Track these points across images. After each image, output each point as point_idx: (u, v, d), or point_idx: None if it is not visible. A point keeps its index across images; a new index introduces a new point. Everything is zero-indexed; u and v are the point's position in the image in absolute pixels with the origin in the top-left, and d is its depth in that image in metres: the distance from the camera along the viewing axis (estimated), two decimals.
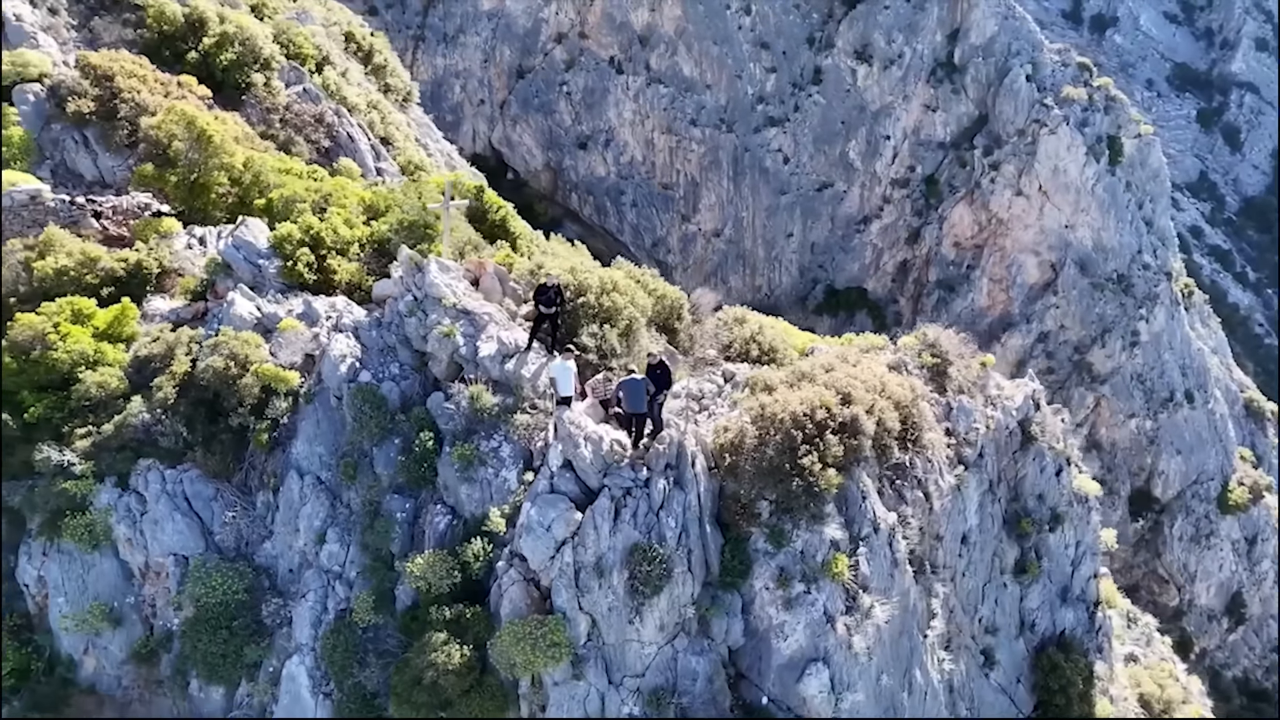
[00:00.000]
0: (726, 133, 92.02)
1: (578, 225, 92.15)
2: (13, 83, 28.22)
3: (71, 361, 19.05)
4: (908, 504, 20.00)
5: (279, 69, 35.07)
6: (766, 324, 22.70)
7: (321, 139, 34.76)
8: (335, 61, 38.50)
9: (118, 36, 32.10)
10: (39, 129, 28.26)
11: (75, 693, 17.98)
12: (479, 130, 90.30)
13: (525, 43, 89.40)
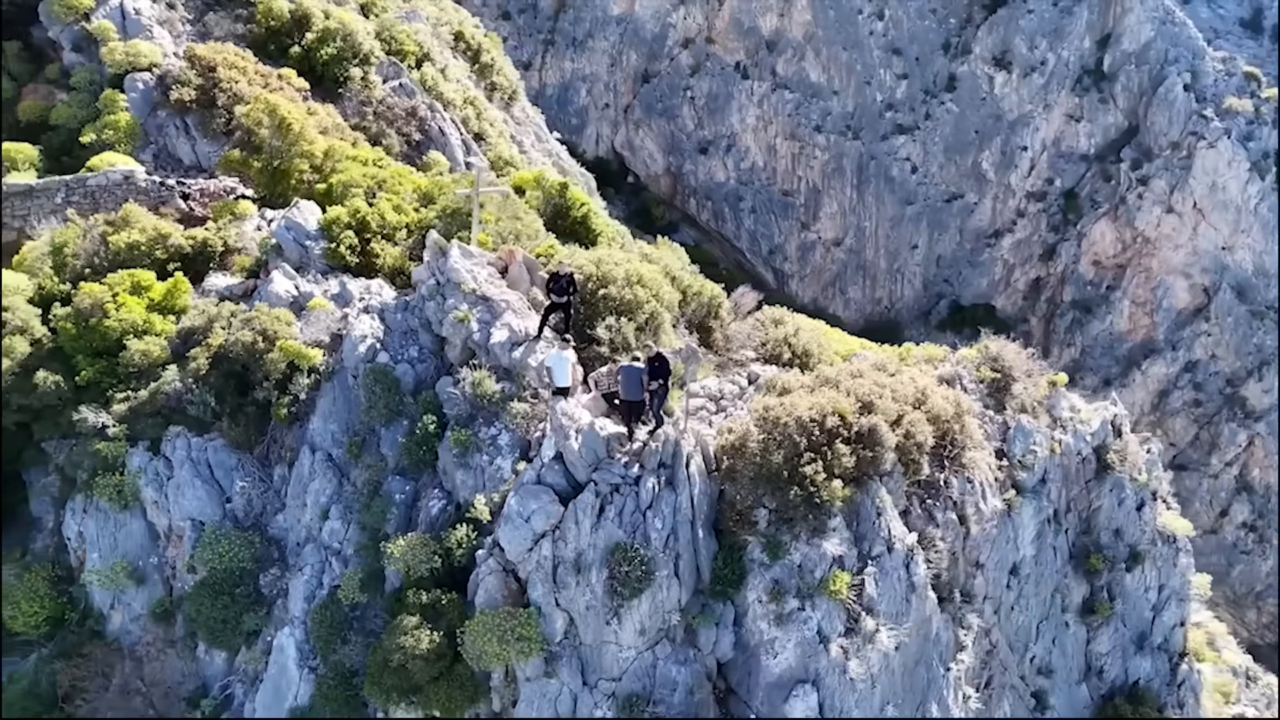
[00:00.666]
0: (852, 140, 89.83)
1: (695, 230, 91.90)
2: (125, 71, 30.18)
3: (122, 330, 20.12)
4: (938, 525, 18.65)
5: (378, 64, 36.20)
6: (807, 326, 21.70)
7: (413, 132, 35.69)
8: (436, 58, 39.50)
9: (228, 31, 33.87)
10: (146, 115, 30.10)
11: (100, 645, 18.94)
12: (602, 133, 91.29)
13: (652, 47, 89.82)
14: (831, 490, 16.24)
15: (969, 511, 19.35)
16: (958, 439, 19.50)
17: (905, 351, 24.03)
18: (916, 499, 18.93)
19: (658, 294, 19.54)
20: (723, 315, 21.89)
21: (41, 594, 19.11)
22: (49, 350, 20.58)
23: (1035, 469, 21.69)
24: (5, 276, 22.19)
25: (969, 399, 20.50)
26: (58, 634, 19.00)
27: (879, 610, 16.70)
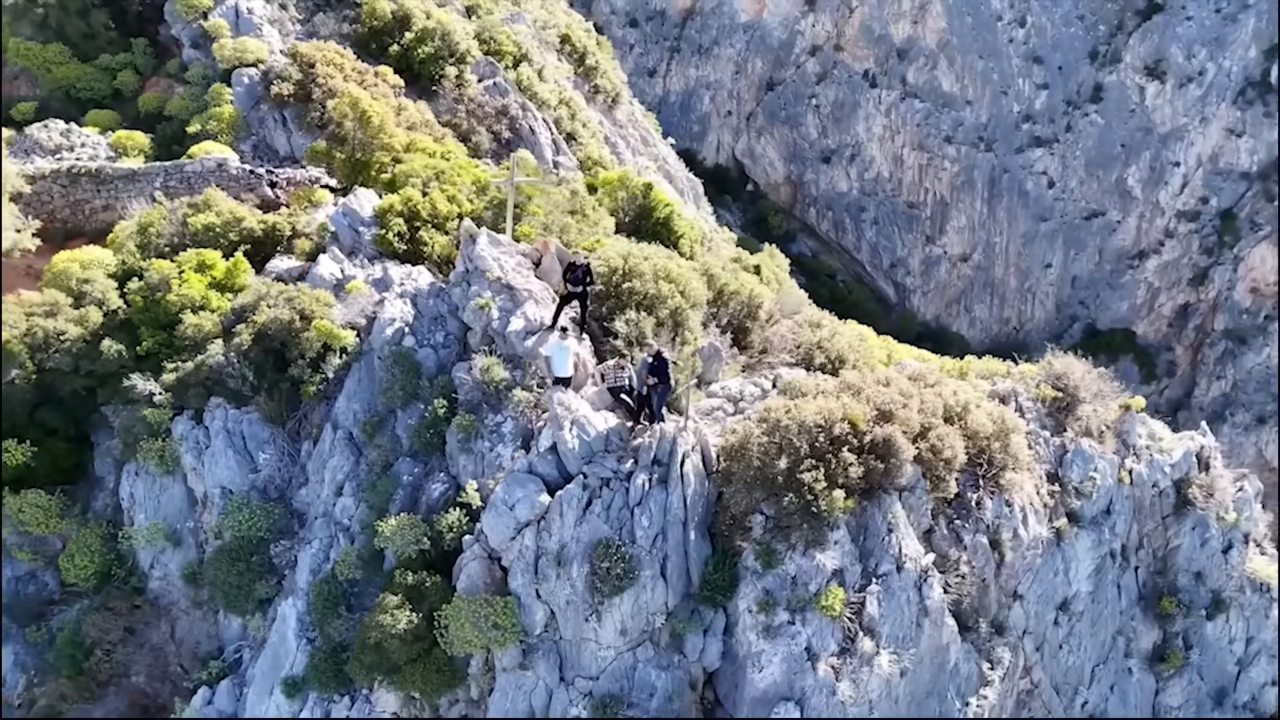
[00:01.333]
0: (984, 152, 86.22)
1: (814, 241, 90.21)
2: (234, 67, 32.02)
3: (181, 304, 21.25)
4: (964, 548, 17.43)
5: (474, 63, 37.11)
6: (846, 332, 20.73)
7: (503, 130, 36.36)
8: (534, 59, 40.15)
9: (333, 30, 35.46)
10: (249, 108, 31.83)
11: (140, 600, 20.03)
12: (723, 141, 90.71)
13: (778, 55, 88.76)
14: (831, 500, 15.39)
15: (1004, 536, 18.00)
16: (997, 458, 18.19)
17: (965, 364, 22.67)
18: (944, 518, 17.76)
19: (684, 290, 19.10)
20: (761, 317, 21.20)
21: (94, 549, 20.35)
22: (120, 321, 21.94)
23: (1095, 498, 20.02)
24: (93, 252, 23.88)
25: (1016, 417, 19.07)
26: (104, 588, 20.17)
27: (881, 632, 15.71)
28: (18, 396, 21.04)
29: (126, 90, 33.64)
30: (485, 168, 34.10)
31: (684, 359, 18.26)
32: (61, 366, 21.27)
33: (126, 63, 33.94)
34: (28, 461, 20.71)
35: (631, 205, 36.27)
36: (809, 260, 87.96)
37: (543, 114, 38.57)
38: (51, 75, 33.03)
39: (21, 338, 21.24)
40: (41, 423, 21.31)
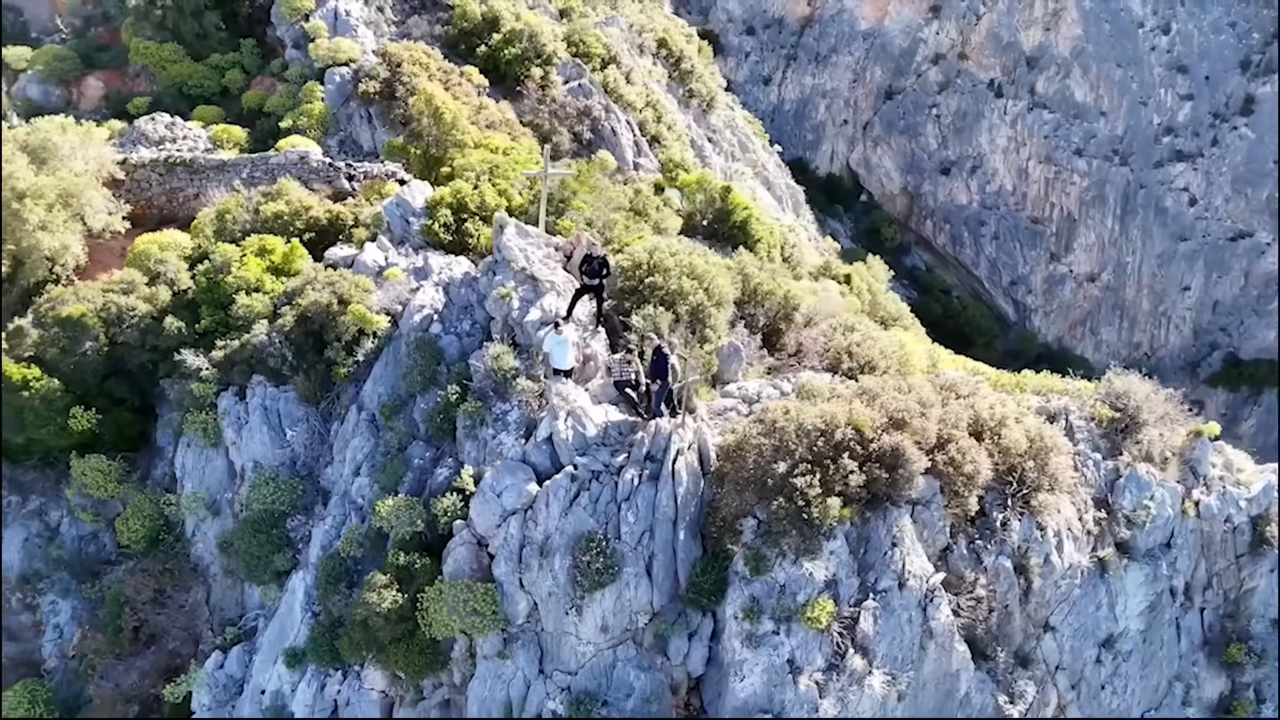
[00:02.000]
0: (1119, 166, 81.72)
1: (929, 254, 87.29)
2: (327, 66, 33.48)
3: (238, 285, 22.29)
4: (984, 571, 16.35)
5: (560, 65, 37.63)
6: (882, 338, 19.82)
7: (584, 131, 36.69)
8: (623, 62, 40.37)
9: (425, 31, 36.65)
10: (339, 105, 33.21)
11: (182, 565, 21.06)
12: (838, 150, 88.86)
13: (899, 63, 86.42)
14: (825, 508, 14.69)
15: (1032, 562, 16.78)
16: (1029, 477, 16.99)
17: (1021, 379, 21.35)
18: (964, 537, 16.71)
19: (709, 288, 18.67)
20: (797, 319, 20.53)
21: (146, 514, 21.53)
22: (186, 301, 23.19)
23: (1150, 529, 18.46)
24: (172, 235, 25.37)
25: (1058, 435, 17.78)
26: (152, 551, 21.30)
27: (876, 651, 14.87)
28: (90, 367, 22.48)
29: (233, 88, 35.63)
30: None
31: (698, 357, 17.85)
32: (130, 340, 22.63)
33: (235, 62, 35.95)
34: (94, 428, 22.10)
35: (710, 207, 35.98)
36: (923, 274, 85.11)
37: (626, 116, 38.70)
38: (166, 73, 35.33)
39: (97, 312, 22.71)
40: (110, 392, 22.69)
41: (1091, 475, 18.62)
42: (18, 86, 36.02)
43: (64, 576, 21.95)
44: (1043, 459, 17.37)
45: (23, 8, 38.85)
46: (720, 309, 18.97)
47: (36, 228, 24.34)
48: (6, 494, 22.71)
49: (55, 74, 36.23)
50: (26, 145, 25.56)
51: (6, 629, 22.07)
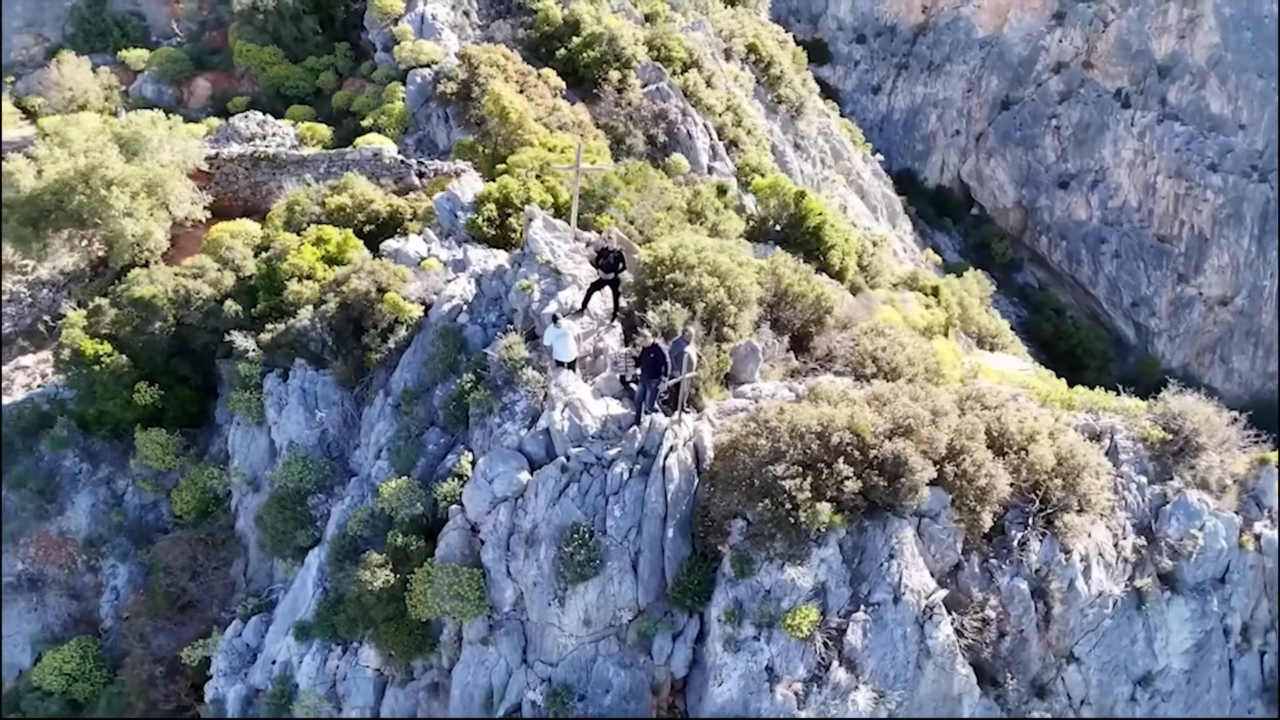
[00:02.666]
0: (1257, 183, 76.62)
1: (1043, 271, 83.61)
2: (410, 67, 34.62)
3: (292, 272, 23.22)
4: (996, 592, 15.43)
5: (639, 68, 37.80)
6: (913, 344, 18.98)
7: (659, 134, 36.71)
8: (705, 66, 40.22)
9: (508, 35, 37.46)
10: (419, 105, 34.29)
11: (224, 537, 22.02)
12: (948, 162, 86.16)
13: (1017, 72, 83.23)
14: (814, 513, 14.14)
15: (1053, 586, 15.73)
16: (1055, 496, 15.95)
17: (1070, 395, 20.12)
18: (977, 555, 15.81)
19: (730, 286, 18.31)
20: (829, 322, 19.92)
21: (198, 487, 22.64)
22: (247, 286, 24.32)
23: (1199, 561, 17.06)
24: (243, 224, 26.69)
25: (1091, 453, 16.62)
26: (200, 521, 22.38)
27: (864, 665, 14.22)
28: (158, 345, 23.82)
29: (326, 88, 37.25)
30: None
31: (709, 355, 17.54)
32: (194, 322, 23.88)
33: (329, 64, 37.59)
34: (156, 403, 23.40)
35: (783, 212, 35.42)
36: (1034, 292, 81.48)
37: (704, 119, 38.51)
38: (266, 74, 37.22)
39: (167, 294, 24.06)
40: (174, 370, 23.98)
41: (1134, 499, 17.35)
42: (134, 85, 38.61)
43: (124, 542, 23.27)
44: (1073, 478, 16.28)
45: (145, 13, 41.63)
46: (743, 308, 18.57)
47: (122, 214, 25.98)
48: (78, 461, 24.23)
49: (168, 74, 38.68)
50: (120, 137, 27.34)
51: (71, 588, 23.56)
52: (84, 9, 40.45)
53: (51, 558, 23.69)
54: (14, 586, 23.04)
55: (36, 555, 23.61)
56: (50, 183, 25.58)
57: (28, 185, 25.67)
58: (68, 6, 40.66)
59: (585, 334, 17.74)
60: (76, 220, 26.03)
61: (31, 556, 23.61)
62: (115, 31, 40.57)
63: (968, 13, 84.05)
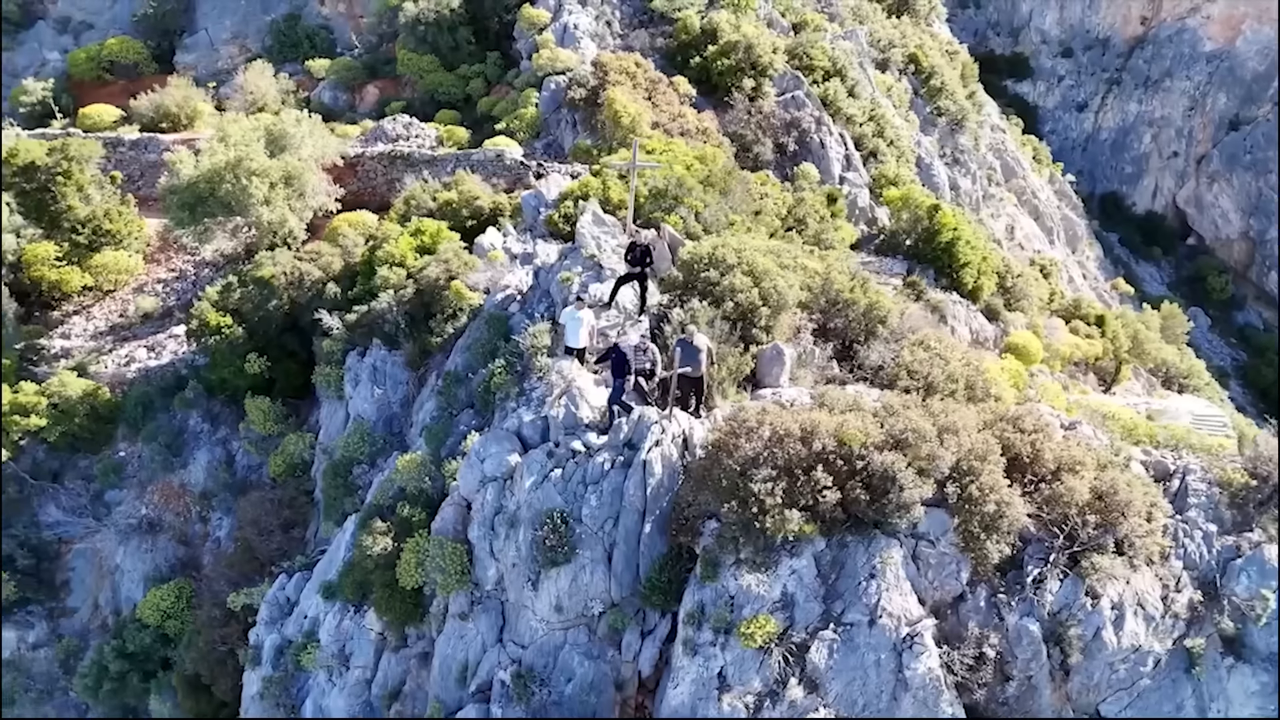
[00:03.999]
0: None
1: (1270, 311, 74.93)
2: (546, 74, 35.96)
3: (384, 259, 24.73)
4: (1002, 631, 14.05)
5: (776, 76, 37.35)
6: (956, 361, 17.56)
7: (789, 143, 36.12)
8: (849, 76, 39.15)
9: (646, 43, 38.10)
10: (550, 111, 35.56)
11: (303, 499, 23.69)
12: (1162, 186, 79.10)
13: (1249, 89, 75.36)
14: (781, 519, 13.44)
15: (1072, 633, 14.11)
16: (1087, 534, 14.33)
17: (1148, 428, 18.00)
18: (985, 588, 14.45)
19: (766, 289, 17.74)
20: (880, 333, 18.85)
21: (288, 452, 24.55)
22: (352, 271, 26.12)
23: (1268, 622, 14.77)
24: (361, 216, 28.68)
25: (1139, 491, 14.78)
26: (286, 485, 24.23)
27: (827, 687, 13.33)
28: (272, 320, 26.05)
29: (475, 95, 39.33)
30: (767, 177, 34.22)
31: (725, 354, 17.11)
32: (303, 301, 25.93)
33: (479, 72, 39.70)
34: (264, 373, 25.59)
35: (915, 226, 34.03)
36: (1257, 334, 73.05)
37: (840, 129, 37.51)
38: (423, 81, 39.83)
39: (284, 275, 26.28)
40: (284, 345, 26.13)
41: (1197, 549, 15.26)
42: (315, 91, 42.39)
43: (229, 498, 25.57)
44: (1113, 516, 14.55)
45: (333, 27, 45.62)
46: (779, 311, 17.94)
47: (260, 202, 28.61)
48: (201, 421, 26.88)
49: (344, 81, 42.18)
50: (269, 133, 30.13)
51: (183, 534, 26.13)
52: (281, 23, 44.88)
53: (170, 506, 26.38)
54: (136, 528, 25.83)
55: (158, 502, 26.37)
56: (204, 172, 28.54)
57: (187, 174, 28.77)
58: (268, 21, 45.23)
59: (609, 326, 17.77)
60: (225, 207, 28.88)
61: (154, 503, 26.39)
62: (306, 43, 44.71)
63: (1195, 24, 76.86)
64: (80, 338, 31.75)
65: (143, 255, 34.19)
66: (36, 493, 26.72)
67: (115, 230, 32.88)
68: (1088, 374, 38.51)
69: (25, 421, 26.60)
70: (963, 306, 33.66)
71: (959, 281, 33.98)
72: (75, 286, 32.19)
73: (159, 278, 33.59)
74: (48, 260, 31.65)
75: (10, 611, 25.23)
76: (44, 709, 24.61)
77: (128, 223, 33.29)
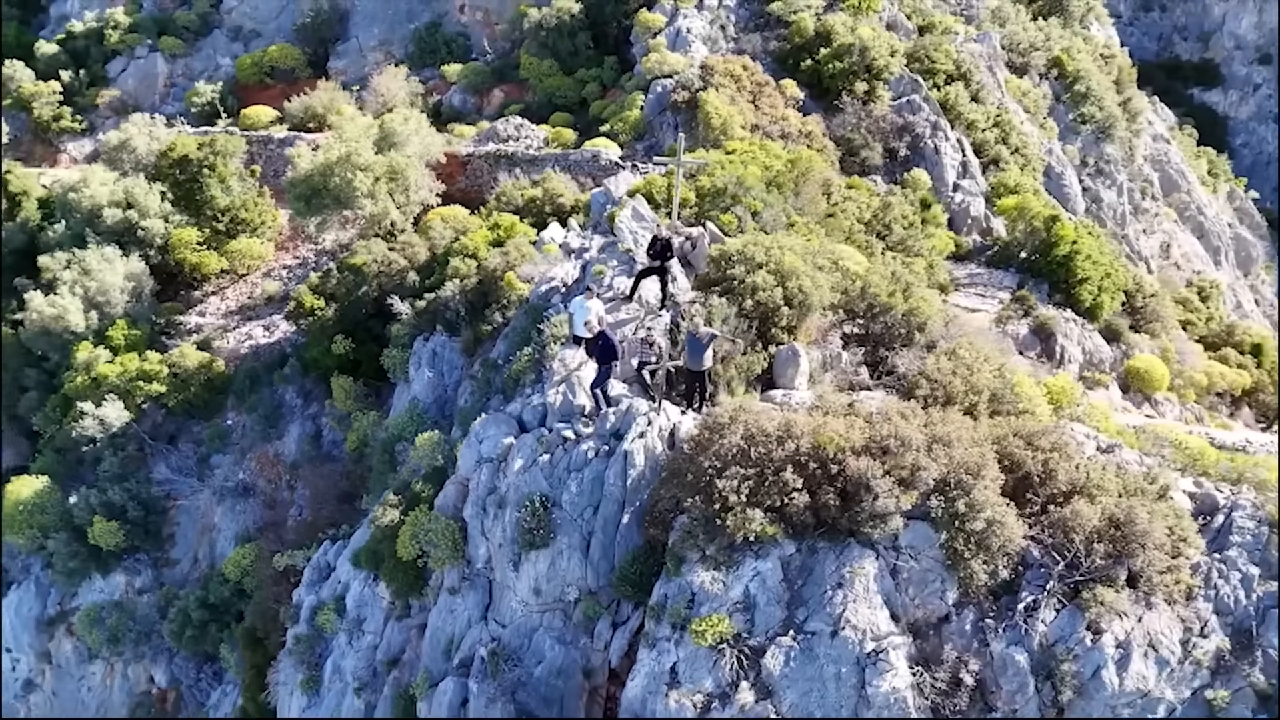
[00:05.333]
0: None
1: None
2: (654, 78, 36.30)
3: (457, 250, 25.70)
4: (986, 658, 13.13)
5: (892, 80, 36.19)
6: (985, 373, 16.38)
7: (901, 148, 34.90)
8: (975, 79, 37.39)
9: (757, 46, 37.76)
10: (655, 114, 35.85)
11: (365, 473, 24.94)
12: None
13: None
14: (743, 518, 13.06)
15: (1065, 668, 12.98)
16: (1093, 563, 13.17)
17: (1214, 456, 16.27)
18: (974, 611, 13.52)
19: (789, 289, 17.25)
20: (918, 341, 17.92)
21: (361, 430, 25.87)
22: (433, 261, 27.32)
23: None
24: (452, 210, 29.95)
25: (1158, 519, 13.41)
26: (356, 458, 25.59)
27: (781, 694, 12.84)
28: (361, 305, 27.59)
29: (590, 98, 40.18)
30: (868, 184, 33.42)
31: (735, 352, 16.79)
32: (388, 288, 27.31)
33: (595, 76, 40.54)
34: (349, 354, 27.13)
35: (1030, 238, 32.39)
36: None
37: (958, 134, 35.93)
38: (542, 84, 41.07)
39: (374, 263, 27.81)
40: (370, 329, 27.58)
41: (1232, 593, 13.68)
42: (447, 95, 44.46)
43: (311, 469, 27.25)
44: (1127, 547, 13.28)
45: (470, 34, 47.68)
46: (804, 312, 17.41)
47: (364, 195, 30.36)
48: (296, 396, 28.79)
49: (472, 86, 44.01)
50: (381, 132, 31.95)
51: (272, 499, 28.02)
52: (422, 31, 47.33)
53: (264, 473, 28.38)
54: (232, 490, 27.93)
55: (254, 469, 28.42)
56: (318, 166, 30.58)
57: (304, 167, 30.93)
58: (411, 29, 47.83)
59: (629, 319, 17.79)
60: (335, 199, 30.82)
61: (251, 469, 28.46)
62: (443, 49, 46.94)
63: None
64: (213, 316, 34.68)
65: (274, 243, 36.95)
66: (153, 453, 29.39)
67: (250, 219, 35.71)
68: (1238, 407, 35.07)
69: (148, 387, 29.33)
70: (1076, 325, 31.50)
71: (1075, 298, 31.85)
72: (213, 269, 35.13)
73: (285, 264, 36.19)
74: (190, 245, 34.69)
75: (120, 557, 27.86)
76: (141, 649, 27.00)
77: (262, 213, 36.07)
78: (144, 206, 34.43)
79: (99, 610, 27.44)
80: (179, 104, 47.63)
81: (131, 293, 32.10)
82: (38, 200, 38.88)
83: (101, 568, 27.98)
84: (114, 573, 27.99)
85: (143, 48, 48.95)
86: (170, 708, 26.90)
